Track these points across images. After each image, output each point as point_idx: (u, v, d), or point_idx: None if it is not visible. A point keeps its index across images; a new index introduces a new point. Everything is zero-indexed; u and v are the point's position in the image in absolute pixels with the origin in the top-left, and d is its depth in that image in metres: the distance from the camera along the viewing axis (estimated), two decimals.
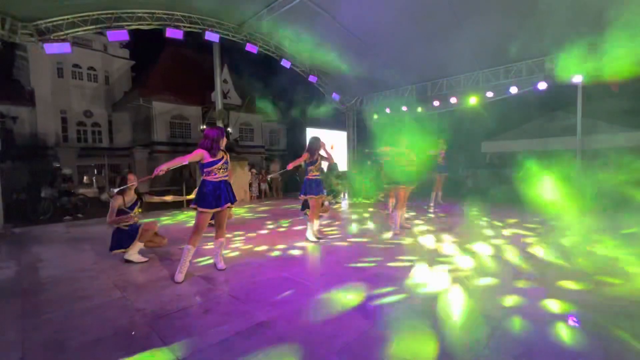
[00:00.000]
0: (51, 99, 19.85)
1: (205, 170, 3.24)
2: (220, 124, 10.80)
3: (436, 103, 9.94)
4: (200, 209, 3.17)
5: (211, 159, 3.21)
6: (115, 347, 2.07)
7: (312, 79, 10.98)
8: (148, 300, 2.77)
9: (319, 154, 4.68)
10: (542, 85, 7.86)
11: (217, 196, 3.20)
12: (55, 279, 3.38)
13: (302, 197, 4.71)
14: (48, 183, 8.86)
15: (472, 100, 9.26)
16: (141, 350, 2.02)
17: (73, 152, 19.62)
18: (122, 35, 7.04)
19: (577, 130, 8.25)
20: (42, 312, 2.61)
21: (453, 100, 9.53)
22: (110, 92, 22.50)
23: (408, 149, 5.08)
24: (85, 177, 18.56)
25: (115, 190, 3.72)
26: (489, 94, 8.79)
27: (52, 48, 6.25)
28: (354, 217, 6.92)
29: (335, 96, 12.03)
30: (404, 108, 10.75)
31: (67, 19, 6.49)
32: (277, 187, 12.44)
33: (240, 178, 10.34)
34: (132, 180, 3.83)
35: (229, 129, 14.44)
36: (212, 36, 8.20)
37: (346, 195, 11.48)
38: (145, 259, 3.87)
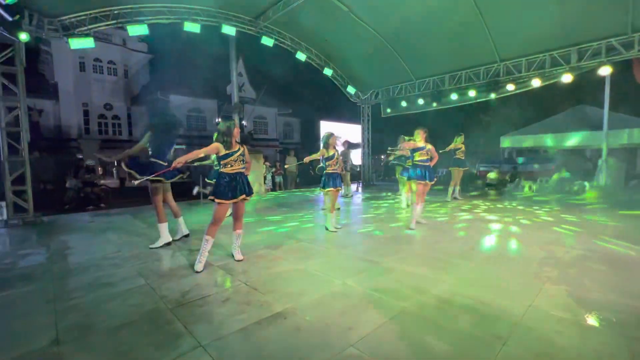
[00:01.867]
0: (74, 92, 20.53)
1: (221, 162, 3.32)
2: (235, 117, 10.92)
3: (454, 96, 9.71)
4: (217, 200, 3.26)
5: (226, 152, 3.28)
6: (141, 331, 2.17)
7: (327, 72, 10.92)
8: (170, 288, 2.87)
9: (336, 149, 4.77)
10: (567, 78, 7.54)
11: (233, 188, 3.28)
12: (83, 265, 3.54)
13: (322, 190, 4.85)
14: (72, 174, 9.24)
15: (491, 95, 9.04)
16: (165, 335, 2.11)
17: (95, 144, 20.30)
18: (142, 29, 7.17)
19: (603, 125, 7.90)
20: (71, 296, 2.75)
21: (472, 93, 9.29)
22: (129, 86, 23.07)
23: (428, 144, 5.03)
24: (99, 169, 19.19)
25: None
26: (510, 87, 8.51)
27: (76, 43, 6.43)
28: (370, 210, 6.90)
29: (350, 89, 11.93)
30: (421, 101, 10.56)
31: (90, 14, 6.67)
32: (292, 179, 12.52)
33: (255, 171, 10.44)
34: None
35: (244, 122, 14.58)
36: (228, 29, 8.25)
37: (359, 188, 11.45)
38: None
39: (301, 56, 9.98)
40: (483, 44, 8.12)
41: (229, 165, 3.31)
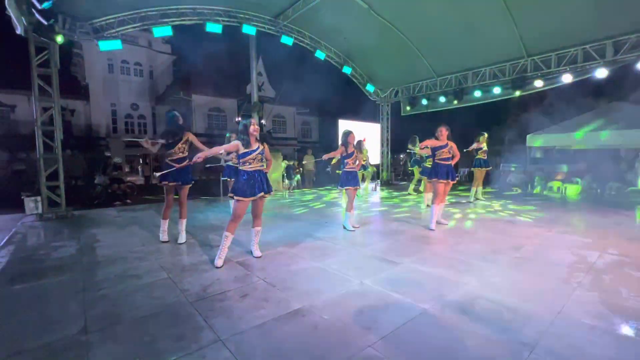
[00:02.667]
0: (103, 93, 21.46)
1: (240, 160, 3.36)
2: (255, 116, 11.06)
3: (477, 93, 9.40)
4: (236, 198, 3.32)
5: (245, 150, 3.32)
6: (164, 323, 2.24)
7: (346, 70, 10.85)
8: (191, 282, 2.94)
9: (354, 147, 4.75)
10: (601, 73, 7.11)
11: (251, 185, 3.31)
12: (110, 258, 3.69)
13: (341, 188, 4.85)
14: (101, 171, 9.66)
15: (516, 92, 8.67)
16: (186, 328, 2.16)
17: (122, 142, 21.13)
18: (166, 30, 7.40)
19: None
20: (99, 287, 2.87)
21: (497, 90, 8.95)
22: (154, 86, 23.85)
23: (450, 141, 4.90)
24: (126, 166, 19.92)
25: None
26: (538, 84, 8.13)
27: (106, 45, 6.72)
28: (389, 209, 6.81)
29: (369, 87, 11.81)
30: (442, 99, 10.30)
31: (118, 16, 6.94)
32: (310, 178, 12.56)
33: (274, 169, 10.53)
34: (178, 117, 4.16)
35: (263, 121, 14.76)
36: (249, 29, 8.36)
37: (378, 187, 11.32)
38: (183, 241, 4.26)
39: (320, 55, 9.97)
40: (509, 38, 7.80)
41: (248, 164, 3.35)
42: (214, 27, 7.78)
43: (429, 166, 5.80)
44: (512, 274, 3.11)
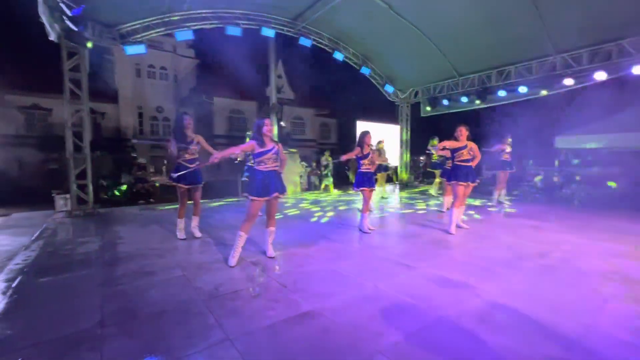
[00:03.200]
0: (131, 97, 22.42)
1: (255, 160, 3.37)
2: (273, 118, 11.14)
3: (502, 93, 9.04)
4: (250, 197, 3.33)
5: (260, 150, 3.32)
6: (176, 320, 2.26)
7: (364, 71, 10.75)
8: (204, 280, 2.97)
9: (370, 148, 4.67)
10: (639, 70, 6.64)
11: (266, 185, 3.31)
12: (130, 254, 3.81)
13: (356, 189, 4.76)
14: (127, 171, 10.08)
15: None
16: (197, 326, 2.17)
17: (147, 144, 21.95)
18: (188, 34, 7.62)
19: None
20: (118, 282, 2.95)
21: (522, 89, 8.57)
22: (178, 89, 24.64)
23: (470, 142, 4.72)
24: (150, 167, 20.56)
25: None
26: (568, 82, 7.70)
27: (131, 49, 7.00)
28: (407, 212, 6.65)
29: (388, 88, 11.64)
30: (464, 99, 9.98)
31: (143, 22, 7.21)
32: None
33: (292, 170, 10.57)
34: (189, 120, 4.25)
35: (282, 123, 14.86)
36: (268, 32, 8.45)
37: (397, 189, 11.11)
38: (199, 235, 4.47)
39: (339, 55, 9.93)
40: (536, 35, 7.44)
41: (263, 163, 3.36)
42: (233, 31, 7.93)
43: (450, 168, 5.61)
44: (536, 282, 2.93)
